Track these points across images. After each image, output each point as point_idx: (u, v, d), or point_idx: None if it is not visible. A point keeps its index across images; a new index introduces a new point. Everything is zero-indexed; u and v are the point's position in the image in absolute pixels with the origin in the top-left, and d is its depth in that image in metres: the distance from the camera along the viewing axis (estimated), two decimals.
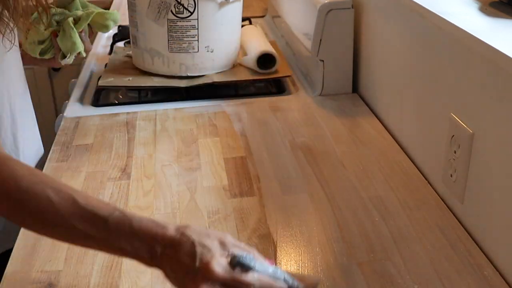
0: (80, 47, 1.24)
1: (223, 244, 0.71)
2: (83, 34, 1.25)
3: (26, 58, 1.22)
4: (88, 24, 1.26)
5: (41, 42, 1.23)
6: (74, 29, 1.22)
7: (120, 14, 1.98)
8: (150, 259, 0.71)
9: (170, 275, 0.71)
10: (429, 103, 1.07)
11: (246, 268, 0.69)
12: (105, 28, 1.29)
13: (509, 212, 0.82)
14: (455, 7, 0.99)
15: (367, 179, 1.08)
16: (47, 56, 1.26)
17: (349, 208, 1.00)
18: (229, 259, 0.70)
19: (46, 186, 0.73)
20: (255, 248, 0.90)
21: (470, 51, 0.91)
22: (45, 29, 1.20)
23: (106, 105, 1.43)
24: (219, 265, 0.68)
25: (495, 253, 0.86)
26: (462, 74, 0.94)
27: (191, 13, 1.40)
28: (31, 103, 1.27)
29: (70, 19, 1.22)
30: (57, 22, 1.23)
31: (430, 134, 1.07)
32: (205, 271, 0.68)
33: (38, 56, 1.24)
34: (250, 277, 0.69)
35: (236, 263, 0.69)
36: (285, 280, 0.71)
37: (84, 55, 1.26)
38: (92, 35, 1.31)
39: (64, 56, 1.24)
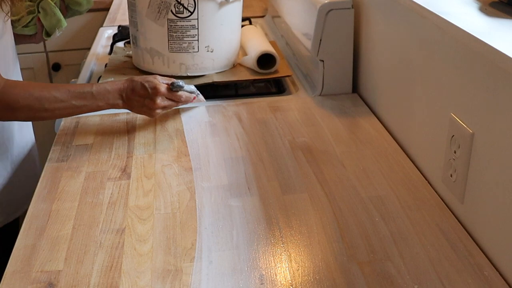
0: (65, 22, 1.31)
1: (158, 79, 1.24)
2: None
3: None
4: (63, 2, 1.32)
5: (15, 14, 1.26)
6: (55, 6, 1.26)
7: (119, 14, 1.98)
8: (123, 103, 1.21)
9: (137, 108, 1.23)
10: (429, 103, 1.07)
11: (180, 88, 1.26)
12: (78, 5, 1.35)
13: (509, 212, 0.82)
14: (455, 7, 0.99)
15: (367, 179, 1.08)
16: (27, 32, 1.30)
17: (349, 208, 1.00)
18: (166, 83, 1.24)
19: (50, 89, 1.15)
20: (253, 248, 0.90)
21: (470, 51, 0.91)
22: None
23: None
24: (163, 86, 1.23)
25: (495, 253, 0.86)
26: (462, 74, 0.94)
27: (191, 13, 1.40)
28: (22, 79, 1.34)
29: None
30: None
31: (430, 134, 1.07)
32: (155, 92, 1.22)
33: (17, 32, 1.28)
34: (180, 93, 1.26)
35: (174, 86, 1.25)
36: (196, 92, 1.32)
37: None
38: (65, 14, 1.36)
39: (48, 34, 1.30)
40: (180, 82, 1.25)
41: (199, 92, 1.34)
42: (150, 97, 1.21)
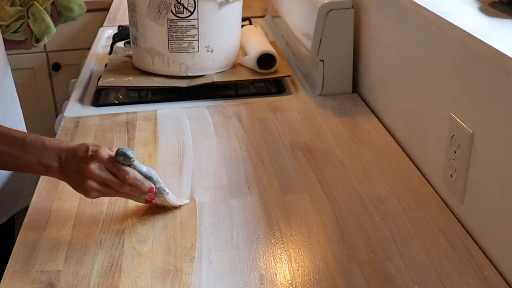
0: (54, 28, 1.28)
1: (110, 147, 0.94)
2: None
3: None
4: (55, 7, 1.30)
5: (4, 19, 1.26)
6: (45, 12, 1.26)
7: (119, 14, 1.98)
8: (58, 168, 0.92)
9: (71, 178, 0.93)
10: (429, 103, 1.07)
11: (126, 158, 0.92)
12: (70, 12, 1.32)
13: (509, 212, 0.82)
14: (455, 7, 0.99)
15: (367, 179, 1.08)
16: (17, 38, 1.29)
17: (349, 208, 1.00)
18: (114, 152, 0.92)
19: None
20: (253, 248, 0.90)
21: (470, 51, 0.91)
22: (10, 5, 1.25)
23: (106, 105, 1.43)
24: (105, 151, 0.93)
25: (495, 253, 0.86)
26: (462, 74, 0.94)
27: (191, 13, 1.40)
28: (13, 86, 1.29)
29: (37, 3, 1.25)
30: (21, 3, 1.27)
31: (430, 134, 1.07)
32: (94, 156, 0.91)
33: (7, 37, 1.27)
34: (127, 168, 0.92)
35: (119, 153, 0.91)
36: (156, 181, 0.95)
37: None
38: (57, 19, 1.34)
39: (37, 40, 1.29)
40: (129, 152, 0.92)
41: (164, 188, 0.97)
42: (86, 161, 0.91)
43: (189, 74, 1.46)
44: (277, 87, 1.51)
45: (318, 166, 1.13)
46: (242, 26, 1.58)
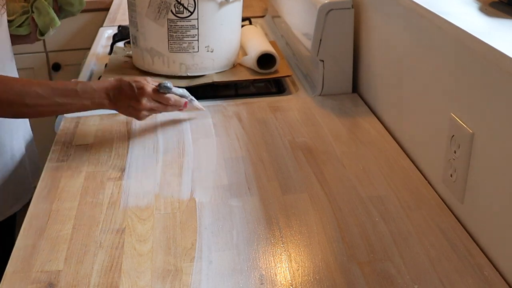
0: (58, 21, 1.31)
1: (147, 80, 1.19)
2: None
3: None
4: (56, 2, 1.33)
5: (10, 14, 1.27)
6: (49, 6, 1.28)
7: (119, 14, 1.97)
8: (109, 103, 1.16)
9: (123, 109, 1.18)
10: (429, 103, 1.07)
11: (167, 89, 1.20)
12: (70, 6, 1.35)
13: (509, 212, 0.82)
14: (455, 7, 0.99)
15: (367, 179, 1.08)
16: (21, 32, 1.30)
17: (349, 208, 1.00)
18: (155, 85, 1.19)
19: (32, 85, 1.11)
20: (253, 248, 0.90)
21: (470, 51, 0.91)
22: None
23: None
24: (150, 87, 1.18)
25: (495, 253, 0.86)
26: (462, 74, 0.94)
27: (191, 13, 1.40)
28: None
29: None
30: None
31: (430, 134, 1.07)
32: (141, 92, 1.17)
33: (11, 32, 1.28)
34: (168, 95, 1.21)
35: (161, 87, 1.19)
36: (188, 96, 1.27)
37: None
38: (58, 14, 1.35)
39: (42, 33, 1.31)
40: (168, 84, 1.20)
41: (193, 98, 1.29)
42: (135, 98, 1.16)
43: (189, 74, 1.46)
44: (277, 87, 1.51)
45: (318, 166, 1.13)
46: (242, 26, 1.58)
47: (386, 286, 0.82)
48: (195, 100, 1.29)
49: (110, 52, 1.70)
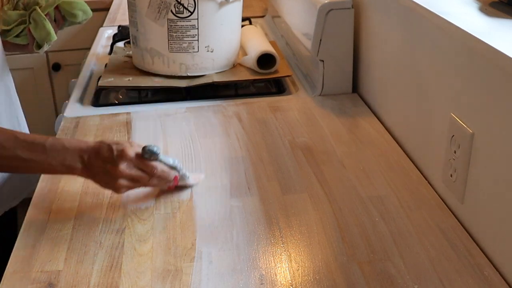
0: (55, 35, 1.26)
1: (131, 143, 0.97)
2: (47, 17, 1.26)
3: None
4: (59, 11, 1.29)
5: (7, 24, 1.24)
6: (46, 18, 1.24)
7: (119, 14, 1.97)
8: (82, 169, 0.95)
9: (98, 177, 0.96)
10: (429, 103, 1.07)
11: (153, 154, 0.96)
12: (74, 17, 1.30)
13: (509, 212, 0.82)
14: (455, 7, 0.99)
15: (367, 179, 1.08)
16: (19, 42, 1.27)
17: (349, 208, 1.00)
18: (140, 149, 0.96)
19: None
20: (253, 248, 0.90)
21: (470, 51, 0.91)
22: (13, 9, 1.24)
23: (106, 105, 1.43)
24: (132, 150, 0.95)
25: (495, 253, 0.86)
26: (462, 74, 0.94)
27: (191, 13, 1.40)
28: (14, 90, 1.29)
29: (39, 9, 1.24)
30: (24, 7, 1.25)
31: (430, 134, 1.07)
32: (121, 156, 0.94)
33: (10, 40, 1.26)
34: (154, 163, 0.97)
35: (145, 151, 0.96)
36: (180, 169, 1.02)
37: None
38: (62, 23, 1.32)
39: (39, 46, 1.27)
40: (155, 148, 0.97)
41: (186, 173, 1.05)
42: (113, 162, 0.94)
43: (189, 74, 1.46)
44: (277, 87, 1.51)
45: (318, 166, 1.13)
46: (242, 26, 1.58)
47: (386, 286, 0.82)
48: (189, 175, 1.05)
49: (110, 52, 1.71)
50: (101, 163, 0.94)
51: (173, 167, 1.01)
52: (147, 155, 0.96)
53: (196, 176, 1.08)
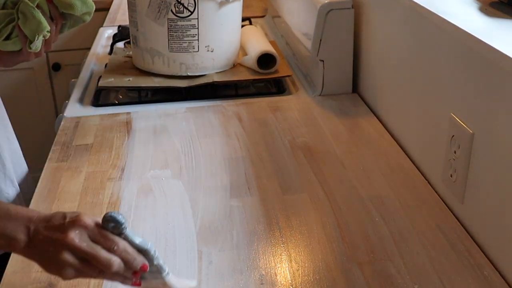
0: (47, 25, 1.09)
1: (93, 216, 0.73)
2: (39, 10, 1.08)
3: None
4: (55, 7, 1.12)
5: None
6: (35, 8, 1.07)
7: (119, 14, 1.96)
8: (26, 243, 0.71)
9: (42, 254, 0.71)
10: (429, 103, 1.07)
11: (115, 223, 0.70)
12: (71, 8, 1.12)
13: (509, 212, 0.82)
14: (455, 7, 0.99)
15: (367, 179, 1.08)
16: (11, 48, 1.10)
17: (349, 208, 1.00)
18: (100, 218, 0.71)
19: None
20: (253, 248, 0.90)
21: (470, 51, 0.91)
22: (1, 9, 1.07)
23: (106, 105, 1.43)
24: (88, 218, 0.71)
25: (495, 253, 0.86)
26: (463, 74, 0.94)
27: (191, 13, 1.40)
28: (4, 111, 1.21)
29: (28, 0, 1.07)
30: (14, 4, 1.09)
31: (430, 134, 1.07)
32: (74, 222, 0.70)
33: (1, 48, 1.09)
34: (116, 238, 0.71)
35: (106, 218, 0.70)
36: (154, 256, 0.73)
37: (48, 35, 1.11)
38: (60, 21, 1.14)
39: (31, 42, 1.09)
40: (119, 216, 0.71)
41: (165, 267, 0.74)
42: (63, 229, 0.71)
43: (189, 74, 1.46)
44: (277, 87, 1.51)
45: (318, 166, 1.13)
46: (242, 26, 1.58)
47: (386, 286, 0.82)
48: (169, 272, 0.75)
49: (110, 52, 1.70)
50: (48, 233, 0.71)
51: (141, 250, 0.72)
52: (109, 224, 0.70)
53: (184, 282, 0.79)
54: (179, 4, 1.39)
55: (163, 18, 1.41)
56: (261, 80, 1.49)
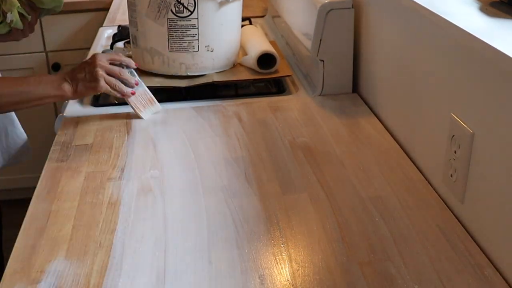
0: (17, 2, 1.26)
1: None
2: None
3: None
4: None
5: None
6: None
7: (119, 13, 1.97)
8: (68, 85, 1.24)
9: (82, 84, 1.25)
10: (429, 103, 1.07)
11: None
12: (41, 4, 1.31)
13: (509, 212, 0.82)
14: (455, 7, 0.99)
15: (367, 179, 1.08)
16: (1, 31, 1.28)
17: (349, 208, 1.00)
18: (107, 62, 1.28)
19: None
20: (253, 248, 0.90)
21: (470, 51, 0.91)
22: None
23: (106, 105, 1.43)
24: (100, 54, 1.28)
25: (495, 253, 0.86)
26: (462, 74, 0.94)
27: (191, 12, 1.40)
28: None
29: None
30: None
31: (430, 134, 1.07)
32: (93, 58, 1.26)
33: None
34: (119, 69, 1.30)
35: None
36: (135, 75, 1.34)
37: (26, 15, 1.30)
38: (37, 10, 1.32)
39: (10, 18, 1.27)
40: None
41: (142, 81, 1.35)
42: (88, 64, 1.25)
43: (189, 74, 1.46)
44: (277, 87, 1.51)
45: (318, 166, 1.13)
46: (242, 26, 1.58)
47: (386, 286, 0.82)
48: (144, 85, 1.35)
49: None
50: (79, 72, 1.25)
51: (132, 75, 1.32)
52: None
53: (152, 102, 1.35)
54: (179, 4, 1.39)
55: (163, 18, 1.41)
56: (261, 80, 1.49)
